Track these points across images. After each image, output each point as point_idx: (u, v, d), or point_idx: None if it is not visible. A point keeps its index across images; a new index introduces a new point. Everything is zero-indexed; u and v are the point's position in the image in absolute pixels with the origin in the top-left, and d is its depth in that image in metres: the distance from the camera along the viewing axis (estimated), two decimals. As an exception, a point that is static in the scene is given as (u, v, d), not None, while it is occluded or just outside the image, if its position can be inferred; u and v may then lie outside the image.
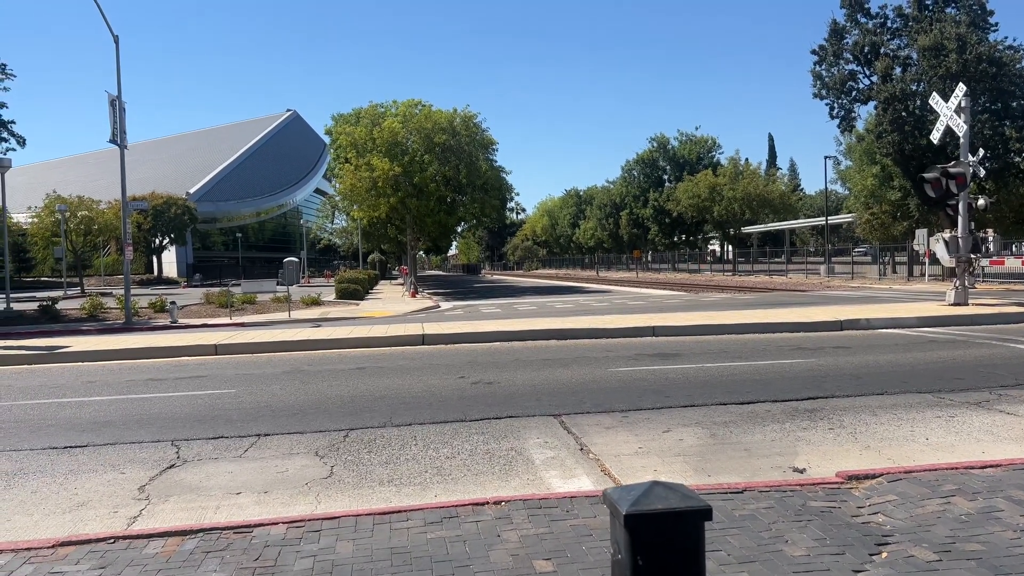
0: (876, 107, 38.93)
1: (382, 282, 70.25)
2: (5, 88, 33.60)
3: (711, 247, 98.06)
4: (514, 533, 4.65)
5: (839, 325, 16.22)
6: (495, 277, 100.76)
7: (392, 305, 30.36)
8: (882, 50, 39.28)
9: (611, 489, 2.18)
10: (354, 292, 35.59)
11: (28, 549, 4.63)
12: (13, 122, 34.52)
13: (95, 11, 21.53)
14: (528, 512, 5.01)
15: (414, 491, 5.86)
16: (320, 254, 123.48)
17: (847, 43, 40.65)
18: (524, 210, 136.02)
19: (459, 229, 67.60)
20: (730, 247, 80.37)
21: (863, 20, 40.30)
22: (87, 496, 5.92)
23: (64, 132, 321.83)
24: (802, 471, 6.09)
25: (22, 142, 35.16)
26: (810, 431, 7.31)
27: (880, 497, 5.14)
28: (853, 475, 5.58)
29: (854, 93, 41.07)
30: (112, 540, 4.74)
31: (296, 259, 66.87)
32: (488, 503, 5.20)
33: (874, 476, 5.55)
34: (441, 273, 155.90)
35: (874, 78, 39.28)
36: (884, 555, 4.22)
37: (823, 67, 41.41)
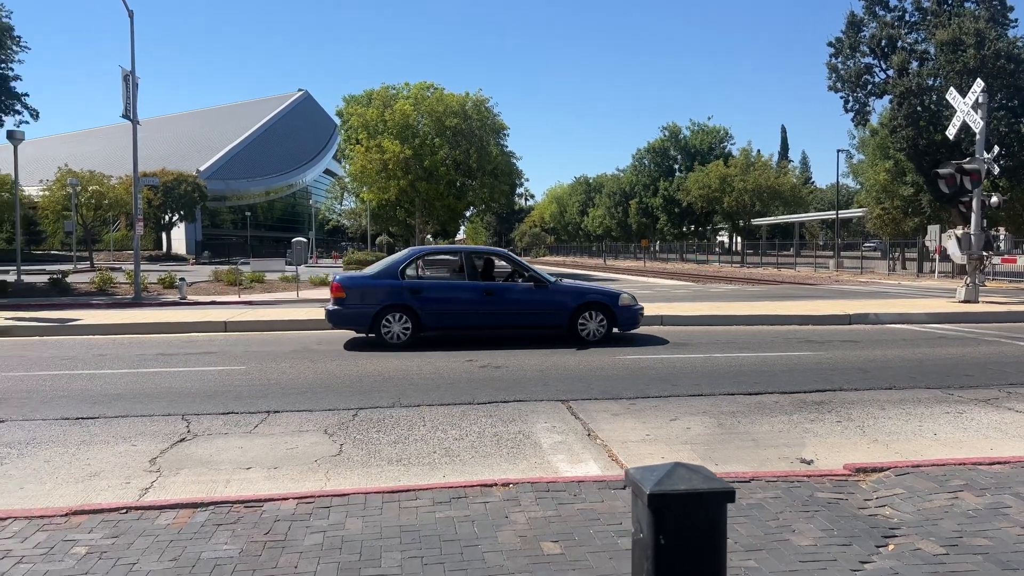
0: (891, 101, 38.67)
1: (390, 264, 70.14)
2: (19, 60, 33.47)
3: (719, 238, 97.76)
4: (522, 515, 4.68)
5: (847, 319, 16.19)
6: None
7: (400, 287, 30.33)
8: (899, 44, 38.98)
9: (633, 469, 2.20)
10: (362, 274, 35.60)
11: (42, 517, 4.68)
12: (27, 95, 34.41)
13: (110, -15, 21.48)
14: (536, 495, 5.04)
15: (422, 471, 5.89)
16: (328, 235, 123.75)
17: (864, 36, 40.35)
18: (533, 196, 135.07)
19: (468, 214, 67.53)
20: (739, 239, 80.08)
21: (881, 13, 39.98)
22: (99, 467, 5.98)
23: (76, 106, 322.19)
24: (809, 462, 6.10)
25: (35, 115, 35.10)
26: (817, 423, 7.32)
27: (887, 490, 5.15)
28: (861, 468, 5.60)
29: (869, 87, 40.83)
30: (124, 510, 4.78)
31: (304, 239, 66.91)
32: (496, 485, 5.23)
33: (882, 469, 5.57)
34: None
35: (890, 72, 39.00)
36: (891, 547, 4.23)
37: (839, 60, 41.14)
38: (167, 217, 79.61)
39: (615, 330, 13.24)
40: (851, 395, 8.59)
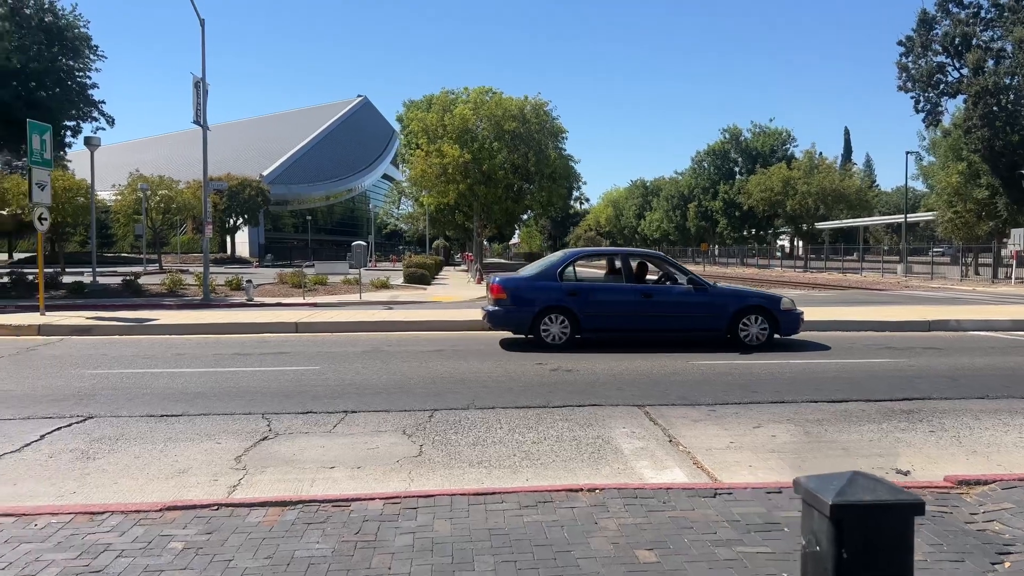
0: (965, 101, 37.36)
1: (446, 268, 70.76)
2: (96, 69, 34.85)
3: (780, 242, 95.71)
4: (611, 521, 4.58)
5: (927, 325, 15.61)
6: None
7: (459, 291, 30.54)
8: (974, 41, 37.63)
9: (805, 478, 2.10)
10: (421, 277, 35.91)
11: (137, 511, 4.77)
12: (103, 102, 35.89)
13: (184, -5, 22.12)
14: (624, 501, 4.93)
15: (504, 474, 5.84)
16: (386, 239, 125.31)
17: (936, 34, 39.12)
18: (588, 200, 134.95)
19: (524, 217, 67.67)
20: (801, 243, 78.30)
21: (955, 10, 38.69)
22: (187, 463, 6.08)
23: (141, 112, 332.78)
24: (906, 473, 5.86)
25: (111, 122, 36.55)
26: (909, 432, 7.03)
27: (995, 504, 4.90)
28: (963, 480, 5.34)
29: (942, 86, 39.57)
30: (216, 507, 4.84)
31: (364, 243, 67.90)
32: (582, 490, 5.14)
33: (986, 482, 5.30)
34: (503, 261, 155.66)
35: (964, 71, 37.70)
36: (1007, 564, 4.01)
37: (910, 59, 39.97)
38: (231, 221, 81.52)
39: (776, 336, 12.75)
40: (942, 404, 8.25)
